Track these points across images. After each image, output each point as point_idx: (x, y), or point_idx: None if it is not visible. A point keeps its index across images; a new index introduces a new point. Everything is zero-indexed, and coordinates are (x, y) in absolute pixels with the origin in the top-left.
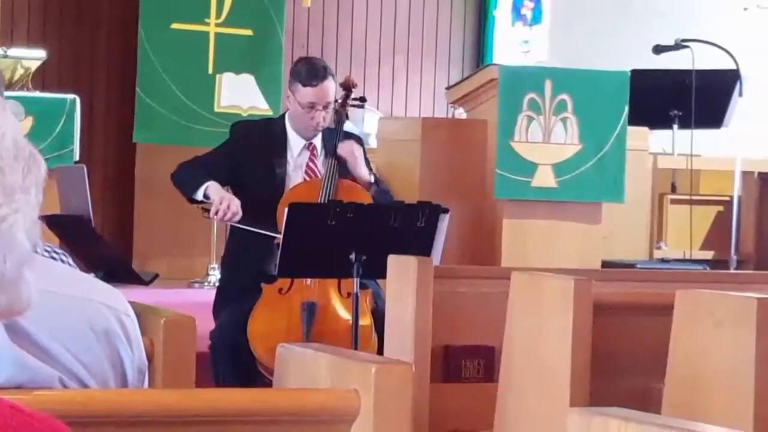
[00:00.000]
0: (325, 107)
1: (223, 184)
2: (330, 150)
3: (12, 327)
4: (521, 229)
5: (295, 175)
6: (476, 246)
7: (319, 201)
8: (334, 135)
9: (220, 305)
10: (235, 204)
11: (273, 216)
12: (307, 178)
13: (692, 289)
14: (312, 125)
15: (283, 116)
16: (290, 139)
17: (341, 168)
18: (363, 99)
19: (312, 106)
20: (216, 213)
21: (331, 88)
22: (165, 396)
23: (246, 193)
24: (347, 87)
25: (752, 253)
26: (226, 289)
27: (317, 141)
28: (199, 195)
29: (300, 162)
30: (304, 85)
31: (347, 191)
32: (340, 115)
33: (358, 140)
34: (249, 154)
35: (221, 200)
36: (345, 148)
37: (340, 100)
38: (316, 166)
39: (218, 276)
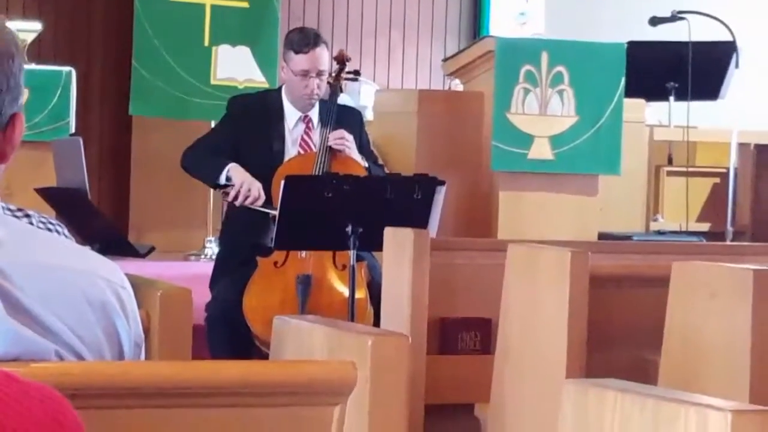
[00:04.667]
0: (319, 75)
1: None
2: (325, 119)
3: (8, 299)
4: (518, 201)
5: (292, 148)
6: (472, 218)
7: (314, 173)
8: (330, 108)
9: (216, 278)
10: (256, 187)
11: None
12: (301, 152)
13: (688, 261)
14: (306, 93)
15: (279, 89)
16: (286, 112)
17: (338, 125)
18: (357, 72)
19: (305, 74)
20: (236, 197)
21: (324, 55)
22: (161, 368)
23: (245, 168)
24: (341, 60)
25: (748, 224)
26: (223, 262)
27: (313, 114)
28: (222, 179)
29: (295, 135)
30: (297, 53)
31: (342, 164)
32: (335, 89)
33: (357, 113)
34: (247, 129)
35: (242, 183)
36: (335, 136)
37: (334, 74)
38: (311, 139)
39: (214, 249)
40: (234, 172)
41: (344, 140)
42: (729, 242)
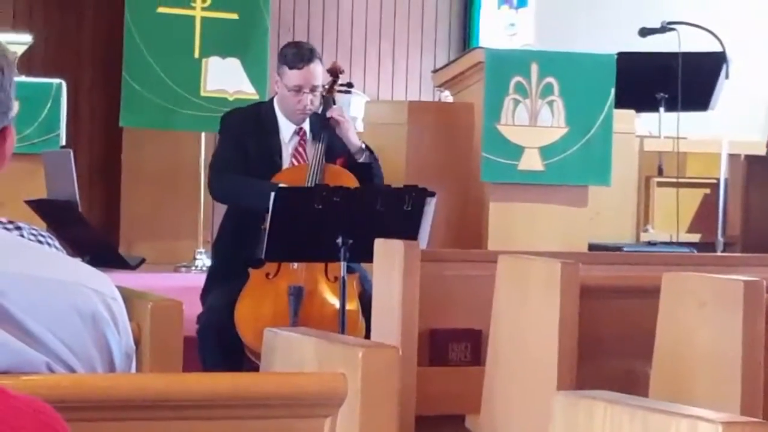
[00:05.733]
0: (312, 90)
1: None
2: (317, 131)
3: None
4: (508, 212)
5: (288, 161)
6: (463, 229)
7: (306, 185)
8: (322, 121)
9: (208, 289)
10: None
11: None
12: (295, 163)
13: (679, 272)
14: (299, 108)
15: (271, 101)
16: (281, 125)
17: (331, 137)
18: (350, 84)
19: (299, 89)
20: None
21: (318, 71)
22: (152, 381)
23: None
24: (334, 73)
25: (739, 235)
26: (216, 273)
27: (306, 126)
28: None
29: (290, 148)
30: (291, 68)
31: (334, 175)
32: (327, 101)
33: None
34: (248, 142)
35: None
36: (335, 111)
37: (327, 86)
38: (305, 151)
39: (205, 260)
40: None
41: (342, 114)
42: (719, 253)
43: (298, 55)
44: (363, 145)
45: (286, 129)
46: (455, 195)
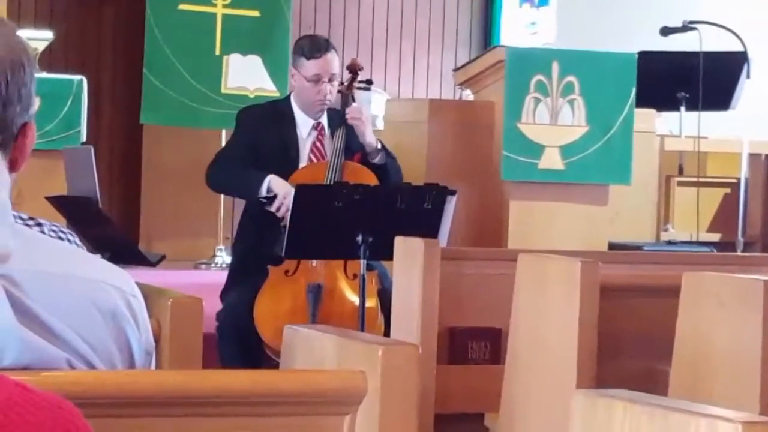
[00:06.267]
0: (331, 80)
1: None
2: (335, 127)
3: (19, 308)
4: (528, 211)
5: (306, 156)
6: (483, 228)
7: (325, 182)
8: (340, 118)
9: (229, 287)
10: None
11: None
12: (314, 159)
13: (699, 272)
14: (319, 99)
15: (288, 97)
16: (298, 120)
17: (349, 133)
18: (369, 81)
19: (318, 79)
20: (278, 209)
21: (335, 60)
22: (172, 377)
23: None
24: (353, 70)
25: (759, 235)
26: (236, 271)
27: (324, 120)
28: (264, 191)
29: (309, 143)
30: (308, 59)
31: (354, 173)
32: (347, 98)
33: None
34: (262, 138)
35: (285, 195)
36: (353, 111)
37: (346, 83)
38: (323, 146)
39: (225, 257)
40: (275, 184)
41: (361, 113)
42: (740, 253)
43: (314, 45)
44: (379, 146)
45: (304, 124)
46: (475, 193)
